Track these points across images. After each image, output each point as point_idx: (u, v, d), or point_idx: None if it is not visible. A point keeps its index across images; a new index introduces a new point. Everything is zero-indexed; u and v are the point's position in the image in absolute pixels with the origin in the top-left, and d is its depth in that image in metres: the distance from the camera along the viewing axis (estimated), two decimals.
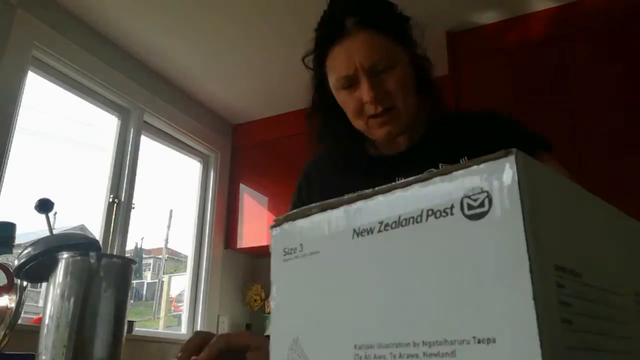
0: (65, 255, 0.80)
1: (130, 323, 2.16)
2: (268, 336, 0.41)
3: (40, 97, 2.18)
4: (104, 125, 2.45)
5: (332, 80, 0.85)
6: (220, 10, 2.17)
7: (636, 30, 1.95)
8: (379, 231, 0.29)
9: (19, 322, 0.98)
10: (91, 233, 2.27)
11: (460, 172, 0.26)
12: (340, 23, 0.82)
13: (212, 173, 3.00)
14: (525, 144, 0.85)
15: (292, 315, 0.34)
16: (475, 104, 1.97)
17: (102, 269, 0.80)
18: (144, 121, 2.56)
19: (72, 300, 0.77)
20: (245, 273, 3.08)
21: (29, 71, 2.00)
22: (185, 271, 2.93)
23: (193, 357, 0.58)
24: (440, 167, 0.82)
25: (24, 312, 1.07)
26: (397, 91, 0.82)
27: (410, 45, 0.86)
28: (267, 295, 2.95)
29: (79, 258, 0.80)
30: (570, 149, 1.89)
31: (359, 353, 0.28)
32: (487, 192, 0.25)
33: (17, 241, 1.01)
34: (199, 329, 2.71)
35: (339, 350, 0.29)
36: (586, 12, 2.07)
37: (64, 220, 2.44)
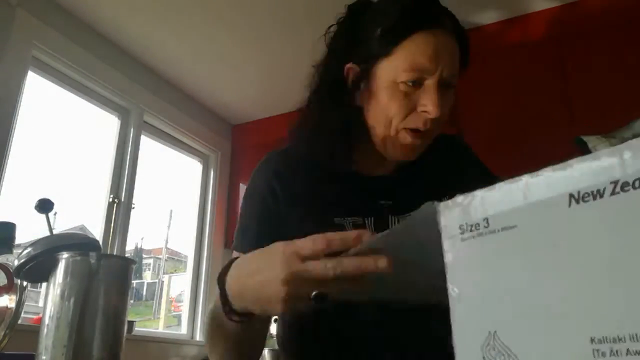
0: (65, 255, 0.80)
1: (130, 323, 2.16)
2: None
3: (40, 97, 2.18)
4: (104, 125, 2.45)
5: (399, 67, 0.72)
6: (221, 10, 2.17)
7: (636, 31, 1.94)
8: (613, 193, 0.22)
9: (19, 322, 0.98)
10: (91, 233, 2.27)
11: None
12: (437, 16, 0.73)
13: (212, 173, 3.00)
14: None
15: (484, 304, 0.27)
16: (474, 105, 1.96)
17: (102, 269, 0.80)
18: (144, 121, 2.56)
19: (72, 300, 0.77)
20: None
21: (29, 71, 2.00)
22: (185, 271, 2.93)
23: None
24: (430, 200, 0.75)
25: (24, 312, 1.07)
26: (446, 113, 0.74)
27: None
28: None
29: (79, 258, 0.80)
30: (570, 150, 1.89)
31: (600, 348, 0.22)
32: None
33: (17, 241, 1.01)
34: (199, 329, 2.71)
35: (572, 346, 0.23)
36: (586, 12, 2.06)
37: (64, 220, 2.44)
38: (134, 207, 2.40)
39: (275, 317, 0.88)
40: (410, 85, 0.72)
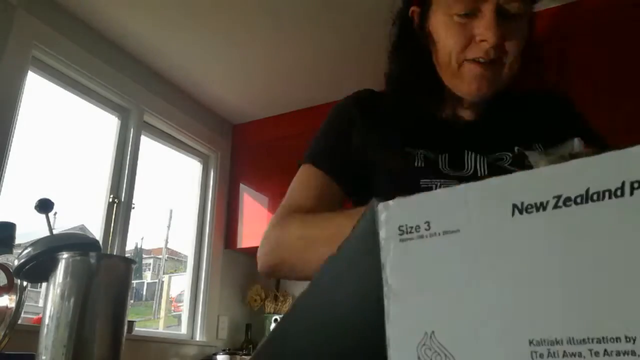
0: (65, 255, 0.80)
1: (130, 323, 2.16)
2: None
3: (40, 97, 2.18)
4: (104, 125, 2.45)
5: (449, 1, 0.71)
6: (221, 10, 2.17)
7: (636, 30, 1.94)
8: (556, 207, 0.24)
9: (19, 322, 0.98)
10: (91, 233, 2.27)
11: None
12: None
13: (212, 173, 3.00)
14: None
15: (422, 305, 0.28)
16: None
17: (102, 269, 0.80)
18: (144, 121, 2.56)
19: (72, 300, 0.77)
20: (245, 273, 3.08)
21: (29, 71, 2.00)
22: (185, 271, 2.94)
23: None
24: (514, 150, 0.73)
25: (24, 312, 1.07)
26: (515, 45, 0.70)
27: (534, 2, 0.74)
28: (267, 295, 2.95)
29: (79, 258, 0.80)
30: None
31: (537, 350, 0.23)
32: None
33: (17, 241, 1.01)
34: (199, 329, 2.71)
35: (509, 346, 0.24)
36: (586, 12, 2.07)
37: (64, 220, 2.44)
38: (134, 207, 2.40)
39: None
40: (464, 16, 0.70)
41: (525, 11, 0.71)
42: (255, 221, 2.90)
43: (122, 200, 2.35)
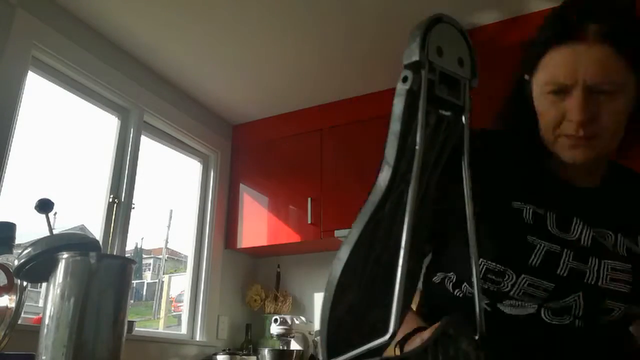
0: (65, 255, 0.80)
1: (130, 323, 2.16)
2: None
3: (40, 97, 2.18)
4: (104, 125, 2.45)
5: (541, 81, 0.75)
6: (221, 10, 2.17)
7: None
8: None
9: (19, 322, 0.98)
10: (91, 233, 2.27)
11: None
12: (578, 26, 0.71)
13: (212, 173, 3.00)
14: None
15: None
16: (474, 105, 1.96)
17: (102, 269, 0.80)
18: (144, 121, 2.56)
19: (72, 300, 0.77)
20: (245, 273, 3.08)
21: (29, 71, 2.00)
22: (185, 271, 2.94)
23: None
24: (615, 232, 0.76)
25: (24, 312, 1.07)
26: (609, 123, 0.72)
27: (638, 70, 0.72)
28: (267, 295, 2.95)
29: (79, 258, 0.80)
30: None
31: None
32: None
33: (17, 241, 1.01)
34: (199, 329, 2.71)
35: None
36: None
37: (64, 220, 2.44)
38: (134, 207, 2.40)
39: None
40: (555, 95, 0.73)
41: (619, 88, 0.71)
42: (255, 221, 2.90)
43: (122, 200, 2.35)
